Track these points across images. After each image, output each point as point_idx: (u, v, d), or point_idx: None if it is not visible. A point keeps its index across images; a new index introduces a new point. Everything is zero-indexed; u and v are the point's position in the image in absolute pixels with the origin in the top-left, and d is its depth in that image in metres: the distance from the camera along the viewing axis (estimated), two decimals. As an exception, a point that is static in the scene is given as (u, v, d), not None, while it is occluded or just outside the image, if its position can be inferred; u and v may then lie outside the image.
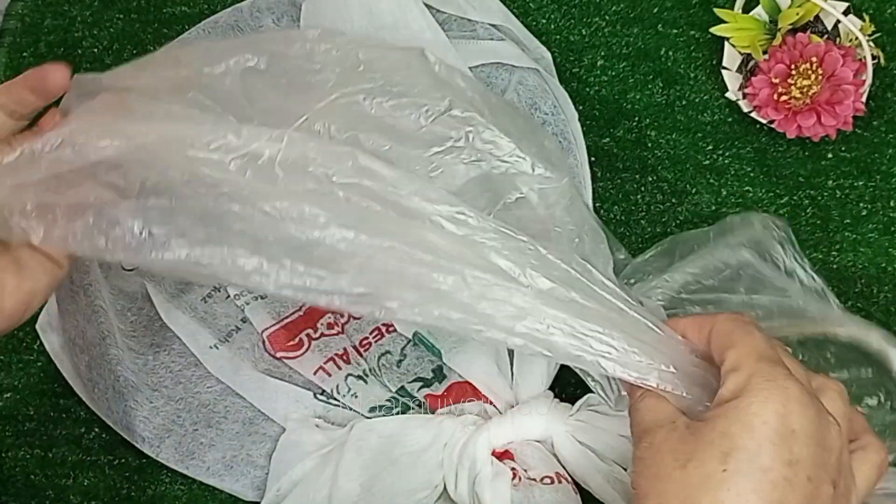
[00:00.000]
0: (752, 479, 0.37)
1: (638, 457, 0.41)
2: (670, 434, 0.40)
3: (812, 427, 0.38)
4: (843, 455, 0.40)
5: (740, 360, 0.40)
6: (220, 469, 0.57)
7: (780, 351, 0.41)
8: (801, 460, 0.37)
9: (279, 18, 0.65)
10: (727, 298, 0.52)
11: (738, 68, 0.65)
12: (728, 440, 0.38)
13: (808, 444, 0.38)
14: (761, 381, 0.39)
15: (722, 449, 0.37)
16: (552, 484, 0.53)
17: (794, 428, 0.38)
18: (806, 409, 0.38)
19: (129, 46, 0.68)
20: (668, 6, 0.67)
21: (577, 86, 0.66)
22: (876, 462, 0.42)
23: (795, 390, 0.38)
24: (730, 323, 0.42)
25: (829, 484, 0.38)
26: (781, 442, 0.37)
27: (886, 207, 0.63)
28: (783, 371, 0.39)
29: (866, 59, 0.61)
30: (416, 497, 0.53)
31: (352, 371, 0.58)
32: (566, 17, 0.68)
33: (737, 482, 0.37)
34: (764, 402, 0.38)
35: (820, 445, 0.38)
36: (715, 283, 0.53)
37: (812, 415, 0.38)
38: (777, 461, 0.37)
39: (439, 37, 0.61)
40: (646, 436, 0.41)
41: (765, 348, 0.40)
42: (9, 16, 0.70)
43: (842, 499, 0.39)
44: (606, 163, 0.64)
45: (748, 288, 0.52)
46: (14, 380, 0.62)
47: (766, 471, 0.37)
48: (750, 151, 0.64)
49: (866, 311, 0.61)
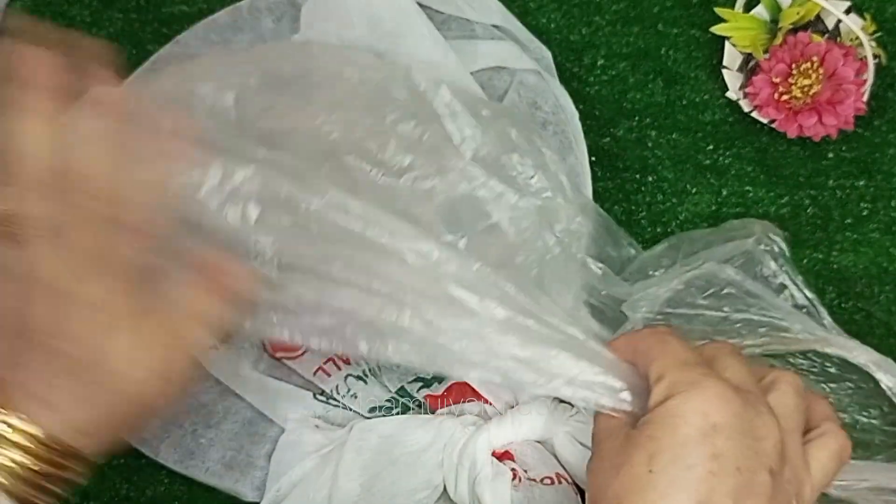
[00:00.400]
0: (677, 477, 0.38)
1: (588, 469, 0.43)
2: (612, 444, 0.42)
3: (736, 419, 0.40)
4: (789, 444, 0.41)
5: (661, 370, 0.42)
6: (219, 469, 0.57)
7: (717, 352, 0.44)
8: (726, 452, 0.39)
9: (279, 19, 0.65)
10: (709, 315, 0.52)
11: (739, 68, 0.65)
12: (653, 442, 0.39)
13: (732, 437, 0.39)
14: (681, 385, 0.41)
15: (648, 451, 0.39)
16: (552, 484, 0.53)
17: (716, 422, 0.39)
18: (728, 404, 0.40)
19: (129, 46, 0.68)
20: (669, 5, 0.67)
21: (577, 85, 0.66)
22: (834, 448, 0.43)
23: (715, 387, 0.40)
24: (649, 338, 0.44)
25: (765, 471, 0.39)
26: (703, 438, 0.39)
27: (887, 207, 0.63)
28: (702, 371, 0.41)
29: (867, 59, 0.61)
30: (415, 497, 0.53)
31: (351, 371, 0.58)
32: (566, 17, 0.68)
33: (662, 481, 0.39)
34: (684, 402, 0.40)
35: (748, 436, 0.40)
36: (698, 300, 0.53)
37: (735, 408, 0.40)
38: (700, 456, 0.39)
39: (439, 40, 0.61)
40: (595, 449, 0.43)
41: (683, 354, 0.43)
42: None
43: (787, 485, 0.40)
44: (606, 163, 0.64)
45: (731, 305, 0.52)
46: (13, 380, 0.62)
47: (691, 467, 0.38)
48: (750, 151, 0.64)
49: (867, 311, 0.61)
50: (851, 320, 0.60)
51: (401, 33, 0.61)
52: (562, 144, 0.62)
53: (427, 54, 0.61)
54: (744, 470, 0.39)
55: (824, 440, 0.43)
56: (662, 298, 0.53)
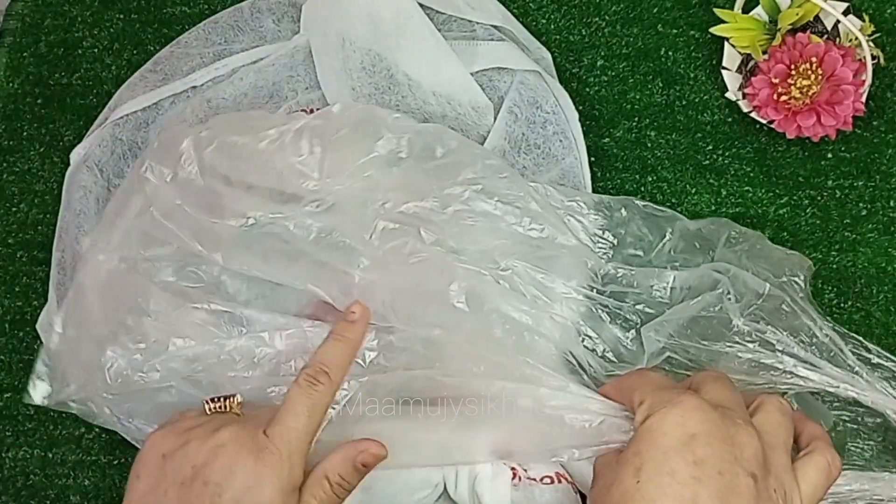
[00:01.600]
0: (662, 484, 0.41)
1: (590, 498, 0.48)
2: (608, 470, 0.45)
3: (714, 427, 0.43)
4: (773, 457, 0.44)
5: (642, 395, 0.46)
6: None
7: (703, 377, 0.47)
8: (707, 458, 0.42)
9: (279, 19, 0.65)
10: (716, 350, 0.54)
11: (738, 68, 0.65)
12: (638, 457, 0.43)
13: (711, 444, 0.42)
14: (659, 403, 0.44)
15: (634, 466, 0.42)
16: (552, 484, 0.53)
17: (694, 432, 0.42)
18: (705, 414, 0.43)
19: (129, 46, 0.68)
20: (668, 6, 0.67)
21: (577, 86, 0.66)
22: (821, 464, 0.45)
23: (691, 401, 0.44)
24: (631, 377, 0.50)
25: (747, 476, 0.42)
26: (683, 447, 0.42)
27: (886, 207, 0.63)
28: (678, 390, 0.45)
29: (866, 59, 0.61)
30: (416, 496, 0.53)
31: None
32: (566, 18, 0.68)
33: (649, 490, 0.42)
34: (663, 418, 0.43)
35: (726, 442, 0.42)
36: (706, 340, 0.54)
37: (713, 418, 0.43)
38: (682, 463, 0.42)
39: (440, 41, 0.61)
40: (595, 478, 0.47)
41: (659, 380, 0.47)
42: (9, 16, 0.70)
43: (773, 493, 0.42)
44: (606, 163, 0.64)
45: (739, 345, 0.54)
46: (14, 380, 0.62)
47: (673, 474, 0.41)
48: (750, 151, 0.64)
49: (866, 311, 0.61)
50: (850, 320, 0.61)
51: (401, 34, 0.61)
52: (562, 144, 0.62)
53: (428, 55, 0.61)
54: (725, 473, 0.41)
55: (813, 456, 0.45)
56: (674, 328, 0.54)
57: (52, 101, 0.67)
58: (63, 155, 0.65)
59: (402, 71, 0.61)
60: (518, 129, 0.61)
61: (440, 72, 0.61)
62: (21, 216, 0.65)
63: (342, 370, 0.50)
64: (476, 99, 0.61)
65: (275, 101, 0.62)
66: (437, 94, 0.61)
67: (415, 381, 0.51)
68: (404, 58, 0.61)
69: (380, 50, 0.61)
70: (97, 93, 0.67)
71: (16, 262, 0.64)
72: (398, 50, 0.61)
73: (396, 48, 0.61)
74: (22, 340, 0.62)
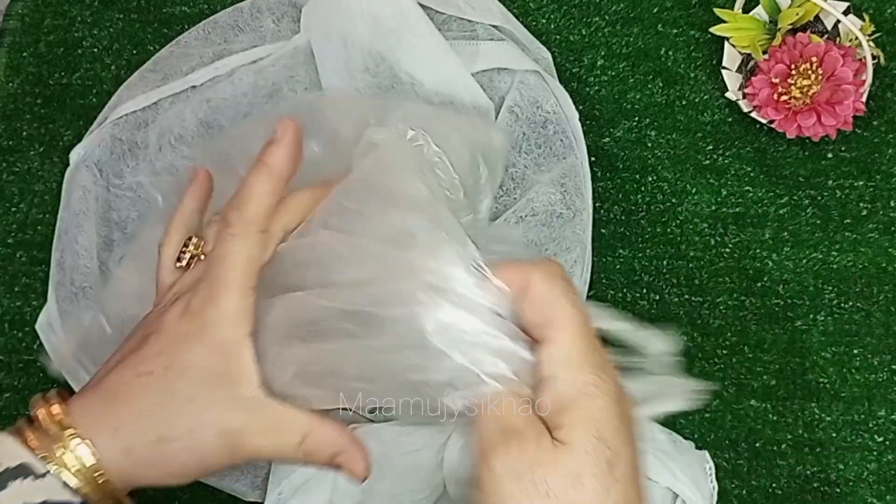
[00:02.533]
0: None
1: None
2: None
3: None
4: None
5: (553, 369, 0.38)
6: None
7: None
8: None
9: (279, 19, 0.65)
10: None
11: (738, 68, 0.65)
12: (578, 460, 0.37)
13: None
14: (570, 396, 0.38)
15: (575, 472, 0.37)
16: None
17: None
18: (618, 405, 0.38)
19: (129, 46, 0.68)
20: (668, 6, 0.67)
21: (577, 86, 0.66)
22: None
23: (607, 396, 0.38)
24: (546, 286, 0.39)
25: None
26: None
27: (886, 207, 0.63)
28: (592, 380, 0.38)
29: (866, 59, 0.61)
30: (416, 498, 0.54)
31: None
32: (566, 17, 0.68)
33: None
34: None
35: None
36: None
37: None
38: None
39: (440, 41, 0.61)
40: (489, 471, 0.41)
41: (585, 330, 0.39)
42: (9, 16, 0.70)
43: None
44: (606, 163, 0.64)
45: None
46: (14, 380, 0.62)
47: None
48: (750, 151, 0.64)
49: (866, 311, 0.61)
50: (850, 320, 0.61)
51: (402, 34, 0.61)
52: (562, 144, 0.62)
53: (429, 55, 0.61)
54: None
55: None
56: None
57: (52, 100, 0.67)
58: (63, 155, 0.65)
59: (405, 71, 0.61)
60: (519, 128, 0.61)
61: (441, 71, 0.61)
62: (21, 216, 0.65)
63: (264, 206, 0.45)
64: (477, 99, 0.61)
65: (275, 102, 0.62)
66: (439, 93, 0.61)
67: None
68: (406, 58, 0.61)
69: (382, 50, 0.61)
70: (97, 93, 0.67)
71: (15, 262, 0.64)
72: (400, 50, 0.61)
73: (398, 48, 0.61)
74: (22, 340, 0.62)
